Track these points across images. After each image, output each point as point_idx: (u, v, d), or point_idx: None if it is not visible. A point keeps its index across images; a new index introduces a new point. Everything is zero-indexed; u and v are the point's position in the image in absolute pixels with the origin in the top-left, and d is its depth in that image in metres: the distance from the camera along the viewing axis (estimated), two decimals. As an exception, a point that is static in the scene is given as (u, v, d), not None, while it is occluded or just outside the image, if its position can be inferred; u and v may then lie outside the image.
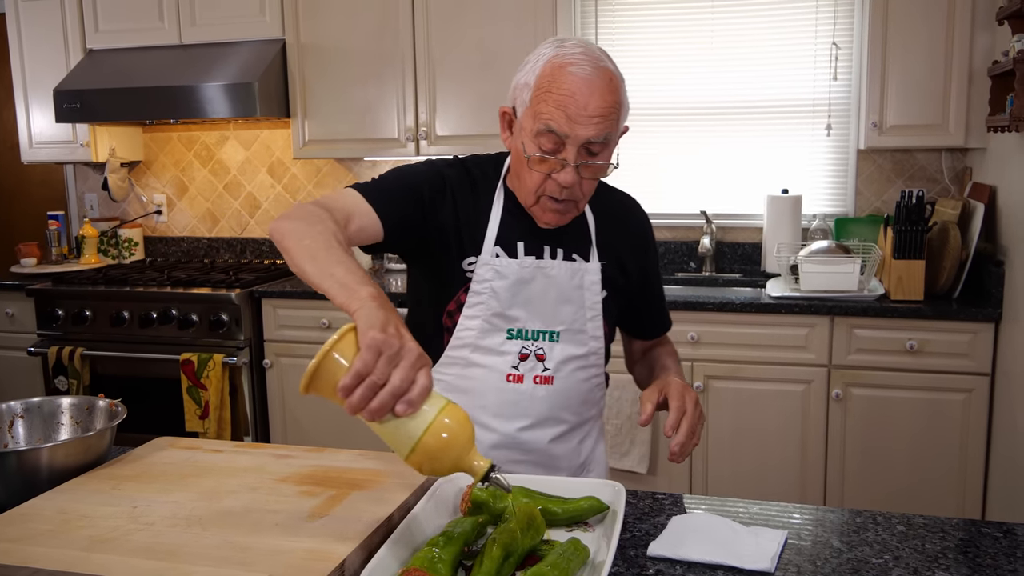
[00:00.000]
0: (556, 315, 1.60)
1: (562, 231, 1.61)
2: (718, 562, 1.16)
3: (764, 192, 3.64)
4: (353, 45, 3.70)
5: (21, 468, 1.36)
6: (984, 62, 3.08)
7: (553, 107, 1.45)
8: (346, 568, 1.10)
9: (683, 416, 1.45)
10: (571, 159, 1.46)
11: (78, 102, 3.81)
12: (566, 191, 1.50)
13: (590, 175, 1.51)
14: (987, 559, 1.18)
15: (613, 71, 1.48)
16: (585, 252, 1.63)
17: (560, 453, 1.65)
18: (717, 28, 3.69)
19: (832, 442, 3.10)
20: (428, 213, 1.58)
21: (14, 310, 3.95)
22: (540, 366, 1.60)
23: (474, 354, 1.60)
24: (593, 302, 1.62)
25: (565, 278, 1.60)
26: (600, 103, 1.44)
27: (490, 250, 1.59)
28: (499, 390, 1.60)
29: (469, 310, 1.59)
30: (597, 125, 1.45)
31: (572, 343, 1.61)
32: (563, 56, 1.47)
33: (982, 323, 2.92)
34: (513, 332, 1.59)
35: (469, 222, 1.60)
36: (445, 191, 1.60)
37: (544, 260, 1.60)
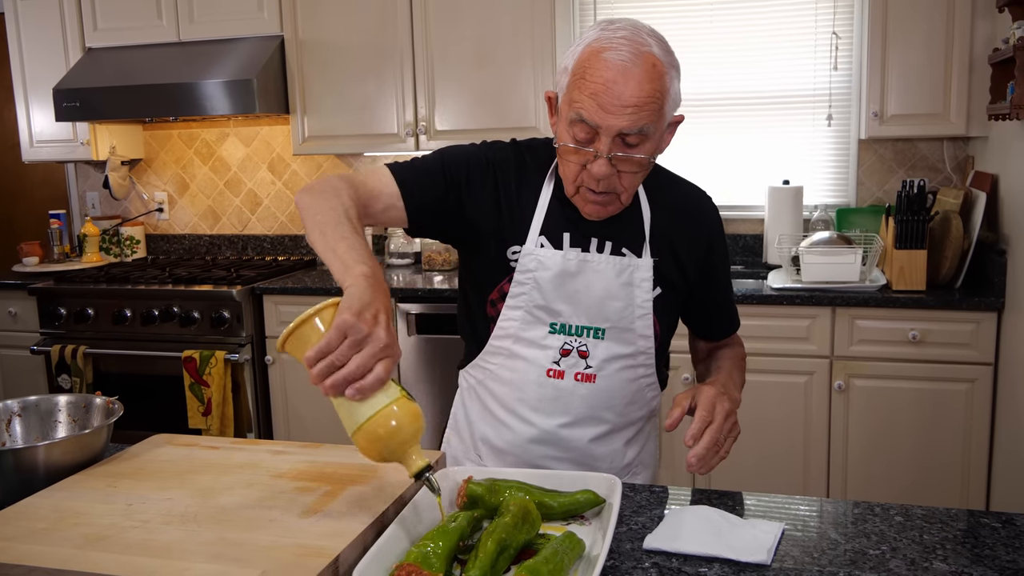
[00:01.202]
0: (602, 311, 1.53)
1: (613, 223, 1.55)
2: (714, 555, 1.16)
3: (765, 183, 3.62)
4: (351, 40, 3.70)
5: (18, 466, 1.36)
6: (985, 50, 3.06)
7: (586, 95, 1.38)
8: (340, 564, 1.10)
9: (707, 426, 1.37)
10: (603, 150, 1.40)
11: (78, 101, 3.81)
12: (602, 183, 1.43)
13: (628, 168, 1.43)
14: (986, 549, 1.17)
15: (659, 57, 1.40)
16: (637, 247, 1.56)
17: (601, 454, 1.59)
18: (717, 19, 3.68)
19: (835, 434, 3.09)
20: (465, 197, 1.55)
21: (17, 309, 3.95)
22: (582, 363, 1.54)
23: (516, 345, 1.56)
24: (643, 300, 1.54)
25: (612, 274, 1.53)
26: (636, 92, 1.36)
27: (535, 239, 1.54)
28: (539, 384, 1.56)
29: (512, 300, 1.55)
30: (631, 116, 1.37)
31: (618, 341, 1.55)
32: (603, 40, 1.39)
33: (985, 312, 2.91)
34: (556, 326, 1.54)
35: (515, 208, 1.56)
36: (487, 175, 1.57)
37: (590, 254, 1.54)
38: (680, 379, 3.16)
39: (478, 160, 1.58)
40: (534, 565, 1.06)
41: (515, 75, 3.53)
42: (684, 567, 1.14)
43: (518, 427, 1.59)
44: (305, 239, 4.30)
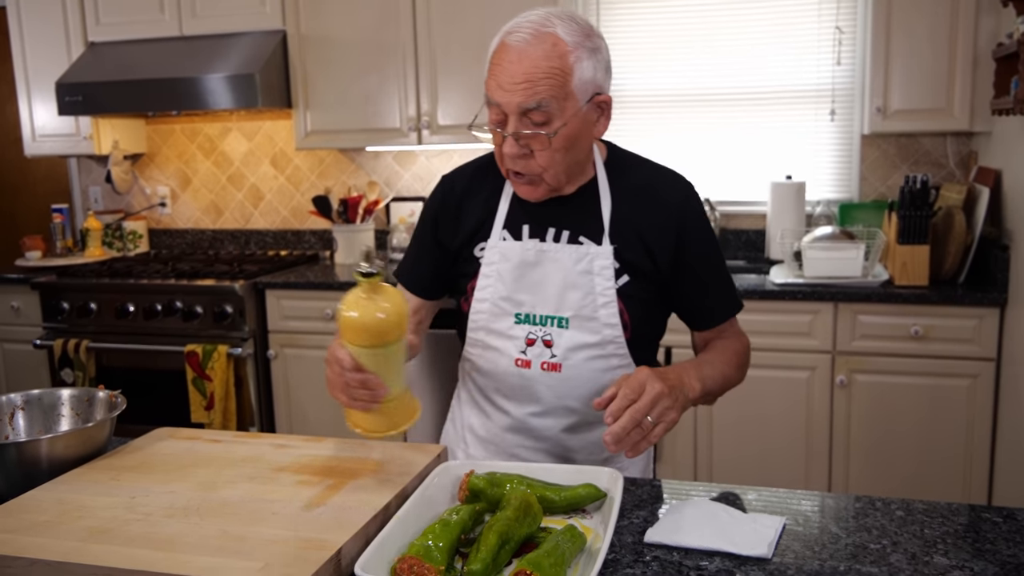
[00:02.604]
0: (564, 300, 1.55)
1: (572, 212, 1.57)
2: (715, 548, 1.16)
3: (768, 178, 3.62)
4: (354, 35, 3.69)
5: (21, 459, 1.36)
6: (988, 45, 3.06)
7: (492, 78, 1.45)
8: (342, 557, 1.10)
9: (629, 405, 1.29)
10: (509, 128, 1.45)
11: (80, 95, 3.81)
12: (518, 163, 1.48)
13: (538, 147, 1.46)
14: (987, 544, 1.17)
15: (562, 36, 1.42)
16: (596, 234, 1.56)
17: (577, 446, 1.60)
18: (720, 14, 3.67)
19: (836, 429, 3.09)
20: (446, 238, 1.66)
21: (19, 303, 3.96)
22: (548, 352, 1.56)
23: (488, 337, 1.60)
24: (605, 288, 1.54)
25: (570, 263, 1.54)
26: (530, 68, 1.41)
27: (498, 233, 1.59)
28: (509, 374, 1.59)
29: (479, 292, 1.60)
30: (523, 91, 1.41)
31: (583, 330, 1.55)
32: (511, 27, 1.46)
33: (987, 308, 2.91)
34: (521, 316, 1.57)
35: (481, 213, 1.62)
36: (449, 207, 1.66)
37: (547, 243, 1.56)
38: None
39: (431, 203, 1.70)
40: (536, 558, 1.06)
41: (518, 70, 3.52)
42: (685, 561, 1.14)
43: (495, 415, 1.64)
44: (307, 234, 4.31)
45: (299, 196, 4.30)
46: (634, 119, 3.83)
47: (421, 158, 4.11)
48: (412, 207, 4.10)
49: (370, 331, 1.28)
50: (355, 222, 3.95)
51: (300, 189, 4.30)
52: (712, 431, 3.20)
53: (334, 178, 4.23)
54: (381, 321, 1.28)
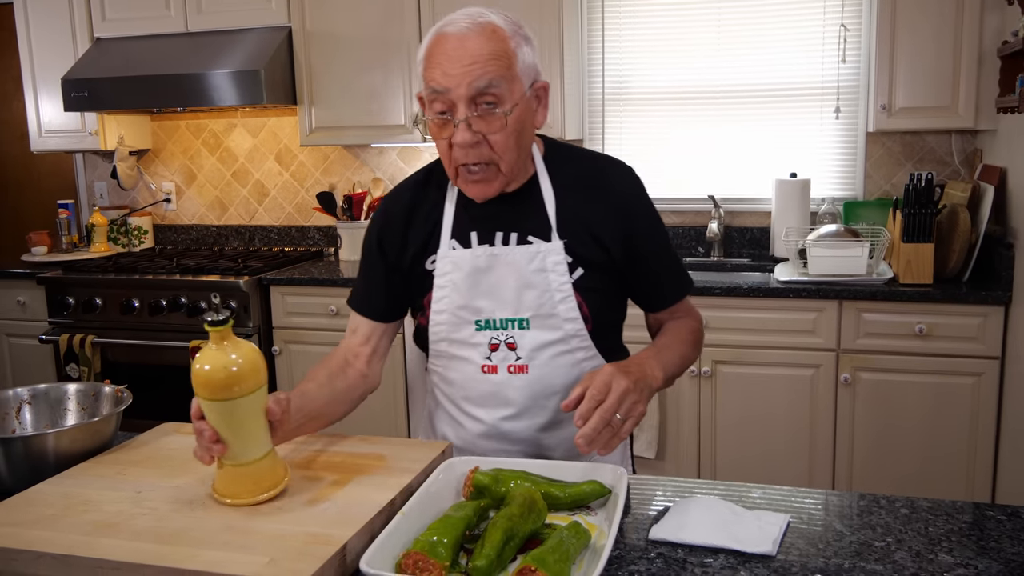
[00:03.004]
0: (521, 301, 1.54)
1: (517, 213, 1.56)
2: (720, 545, 1.16)
3: (772, 176, 3.62)
4: (359, 32, 3.70)
5: (28, 453, 1.37)
6: (994, 43, 3.05)
7: (433, 68, 1.43)
8: (348, 552, 1.11)
9: (597, 406, 1.28)
10: (460, 115, 1.42)
11: (86, 91, 3.82)
12: (472, 153, 1.45)
13: (491, 129, 1.44)
14: (991, 542, 1.17)
15: (499, 24, 1.45)
16: (545, 232, 1.55)
17: (552, 444, 1.60)
18: (724, 11, 3.66)
19: (841, 427, 3.09)
20: (395, 259, 1.64)
21: (25, 298, 3.97)
22: (512, 355, 1.56)
23: (451, 347, 1.60)
24: (560, 283, 1.53)
25: (523, 263, 1.53)
26: (476, 50, 1.41)
27: (447, 243, 1.58)
28: (477, 381, 1.59)
29: (436, 305, 1.59)
30: (475, 71, 1.40)
31: (544, 328, 1.55)
32: (444, 22, 1.46)
33: (992, 306, 2.91)
34: (481, 323, 1.56)
35: (426, 227, 1.61)
36: (393, 228, 1.64)
37: (496, 247, 1.55)
38: (687, 371, 3.16)
39: (371, 228, 1.68)
40: (540, 554, 1.07)
41: (522, 67, 3.51)
42: (689, 558, 1.14)
43: (467, 423, 1.63)
44: (312, 230, 4.31)
45: (304, 192, 4.31)
46: (639, 117, 3.83)
47: (425, 155, 4.11)
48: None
49: (215, 383, 1.21)
50: (359, 218, 3.95)
51: (305, 185, 4.30)
52: (716, 428, 3.20)
53: (338, 174, 4.23)
54: (229, 373, 1.21)
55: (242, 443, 1.24)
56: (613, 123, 3.86)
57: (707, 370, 3.16)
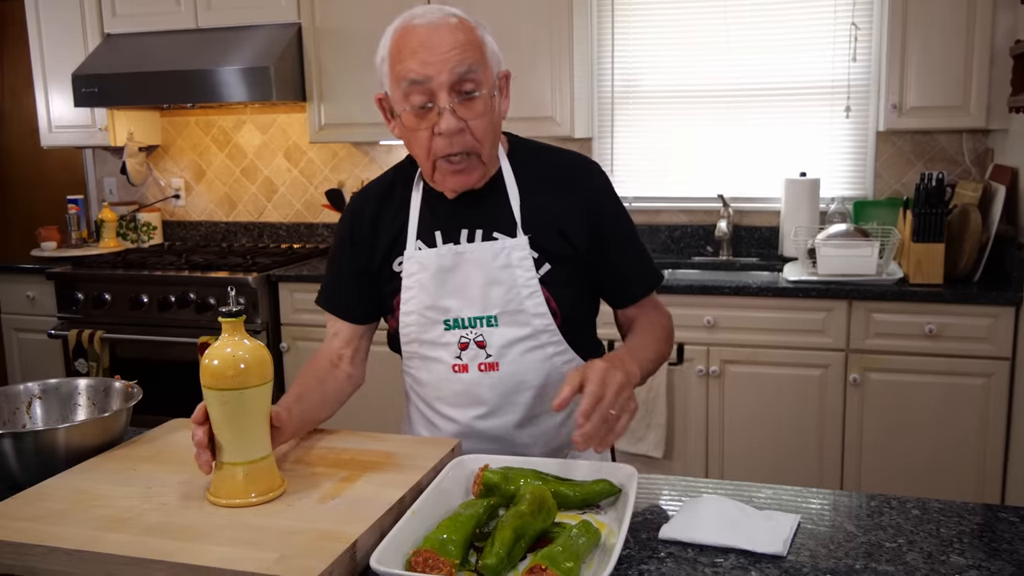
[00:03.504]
0: (488, 299, 1.53)
1: (482, 209, 1.56)
2: (730, 545, 1.16)
3: (782, 175, 3.61)
4: (368, 28, 3.69)
5: (38, 448, 1.37)
6: (1006, 42, 3.04)
7: (408, 59, 1.42)
8: (358, 549, 1.10)
9: (598, 403, 1.26)
10: (444, 103, 1.42)
11: (96, 87, 3.83)
12: (456, 141, 1.44)
13: (473, 115, 1.44)
14: (1003, 544, 1.17)
15: (464, 16, 1.47)
16: (509, 227, 1.54)
17: (528, 440, 1.59)
18: (734, 9, 3.65)
19: (849, 427, 3.08)
20: (365, 261, 1.64)
21: (35, 293, 3.98)
22: (482, 353, 1.55)
23: (421, 348, 1.60)
24: (527, 279, 1.52)
25: (488, 259, 1.53)
26: (452, 39, 1.42)
27: (412, 244, 1.57)
28: (448, 381, 1.58)
29: (404, 306, 1.58)
30: (455, 58, 1.41)
31: (513, 325, 1.54)
32: (406, 19, 1.47)
33: (1003, 307, 2.89)
34: (450, 322, 1.55)
35: (392, 228, 1.61)
36: (362, 229, 1.64)
37: (462, 245, 1.54)
38: (695, 370, 3.15)
39: (341, 226, 1.68)
40: (551, 553, 1.07)
41: (531, 65, 3.51)
42: (700, 557, 1.14)
43: (442, 424, 1.63)
44: (320, 227, 4.32)
45: (312, 189, 4.31)
46: (649, 116, 3.82)
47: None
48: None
49: (223, 373, 1.22)
50: (368, 215, 3.95)
51: (313, 182, 4.31)
52: (724, 428, 3.19)
53: (347, 171, 4.23)
54: (238, 363, 1.22)
55: (243, 440, 1.24)
56: (622, 122, 3.85)
57: (715, 369, 3.15)
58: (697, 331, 3.16)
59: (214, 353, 1.23)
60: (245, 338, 1.25)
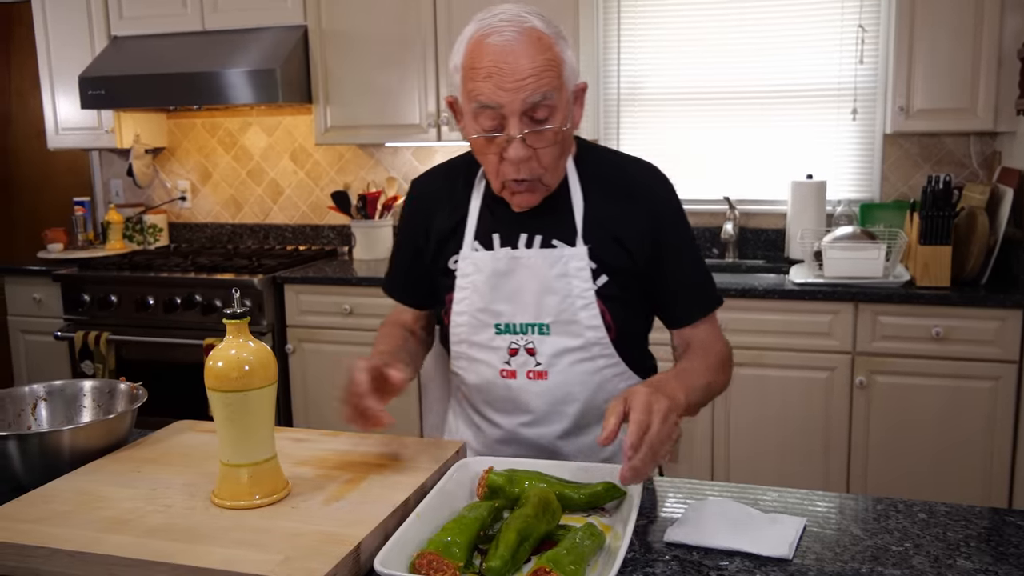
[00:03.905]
0: (542, 307, 1.51)
1: (543, 216, 1.52)
2: (735, 548, 1.15)
3: (788, 177, 3.60)
4: (375, 31, 3.70)
5: (43, 450, 1.37)
6: (1014, 44, 3.03)
7: (481, 81, 1.37)
8: (362, 551, 1.10)
9: (644, 433, 1.18)
10: (514, 131, 1.37)
11: (103, 89, 3.84)
12: (523, 168, 1.41)
13: (542, 144, 1.40)
14: (1010, 547, 1.16)
15: (543, 29, 1.39)
16: (570, 236, 1.51)
17: (571, 451, 1.56)
18: (740, 11, 3.65)
19: (855, 430, 3.07)
20: (423, 246, 1.64)
21: (41, 295, 3.99)
22: (532, 360, 1.53)
23: (470, 350, 1.58)
24: (583, 290, 1.49)
25: (545, 267, 1.50)
26: (528, 64, 1.35)
27: (469, 244, 1.56)
28: (495, 385, 1.56)
29: (456, 306, 1.57)
30: (528, 87, 1.35)
31: (565, 335, 1.51)
32: (483, 28, 1.39)
33: (1010, 310, 2.88)
34: (501, 327, 1.53)
35: (450, 223, 1.59)
36: (418, 211, 1.66)
37: (519, 250, 1.52)
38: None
39: (408, 208, 1.70)
40: (555, 555, 1.06)
41: (538, 66, 3.50)
42: (705, 560, 1.14)
43: (486, 428, 1.62)
44: (326, 229, 4.32)
45: (318, 191, 4.32)
46: (654, 118, 3.82)
47: (440, 154, 4.11)
48: (431, 203, 4.09)
49: (228, 374, 1.21)
50: (374, 218, 3.96)
51: (319, 184, 4.31)
52: (729, 431, 3.18)
53: (353, 173, 4.24)
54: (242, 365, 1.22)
55: (248, 441, 1.24)
56: (628, 123, 3.85)
57: (721, 372, 3.14)
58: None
59: (218, 355, 1.23)
60: (249, 340, 1.25)
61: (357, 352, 3.54)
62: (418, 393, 3.48)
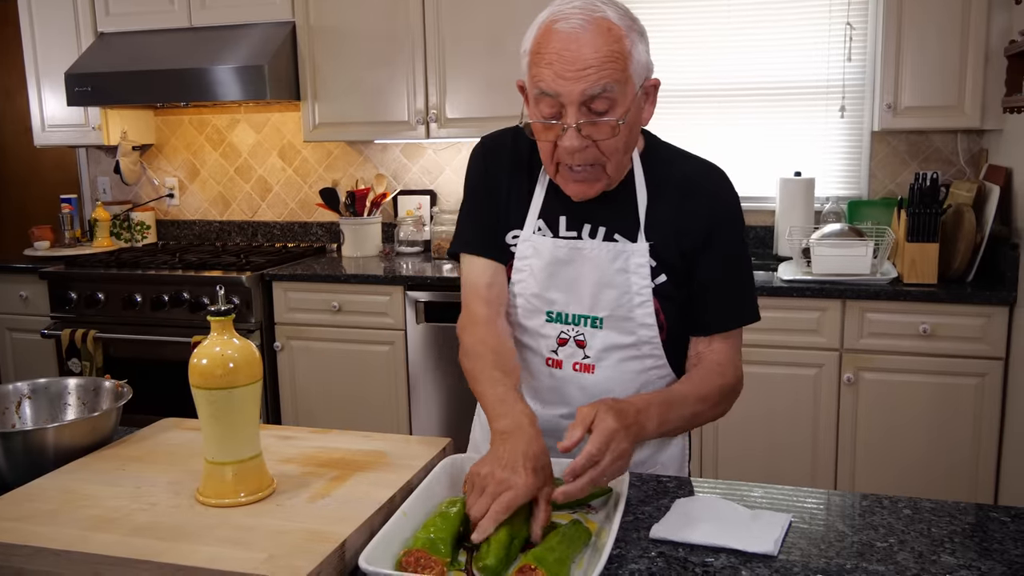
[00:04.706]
0: (598, 300, 1.49)
1: (608, 208, 1.49)
2: (721, 545, 1.15)
3: (776, 175, 3.60)
4: (363, 27, 3.69)
5: (27, 448, 1.37)
6: (1000, 42, 3.04)
7: (543, 67, 1.35)
8: (347, 549, 1.10)
9: (591, 466, 1.18)
10: (570, 121, 1.35)
11: (89, 85, 3.81)
12: (577, 155, 1.38)
13: (601, 136, 1.36)
14: (994, 543, 1.16)
15: (614, 20, 1.35)
16: (632, 232, 1.48)
17: None
18: (729, 10, 3.65)
19: (843, 426, 3.08)
20: (494, 195, 1.57)
21: (28, 293, 3.97)
22: (580, 353, 1.51)
23: (519, 334, 1.56)
24: (641, 287, 1.47)
25: (606, 261, 1.47)
26: (591, 54, 1.32)
27: (532, 223, 1.52)
28: (540, 373, 1.55)
29: (513, 287, 1.54)
30: (589, 78, 1.32)
31: (618, 331, 1.49)
32: (555, 14, 1.36)
33: (996, 307, 2.89)
34: (552, 315, 1.52)
35: (518, 192, 1.55)
36: (486, 166, 1.58)
37: (583, 241, 1.49)
38: (689, 370, 3.15)
39: (476, 164, 1.61)
40: (540, 553, 1.06)
41: (527, 63, 3.50)
42: (690, 557, 1.14)
43: None
44: (314, 226, 4.31)
45: (307, 188, 4.30)
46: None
47: (429, 151, 4.10)
48: (419, 200, 4.09)
49: (212, 372, 1.20)
50: (362, 215, 3.95)
51: (308, 181, 4.30)
52: (718, 427, 3.19)
53: (341, 170, 4.23)
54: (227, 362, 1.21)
55: (232, 439, 1.23)
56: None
57: (710, 369, 3.14)
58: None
59: (203, 352, 1.22)
60: (234, 337, 1.25)
61: (346, 350, 3.53)
62: (407, 389, 3.48)
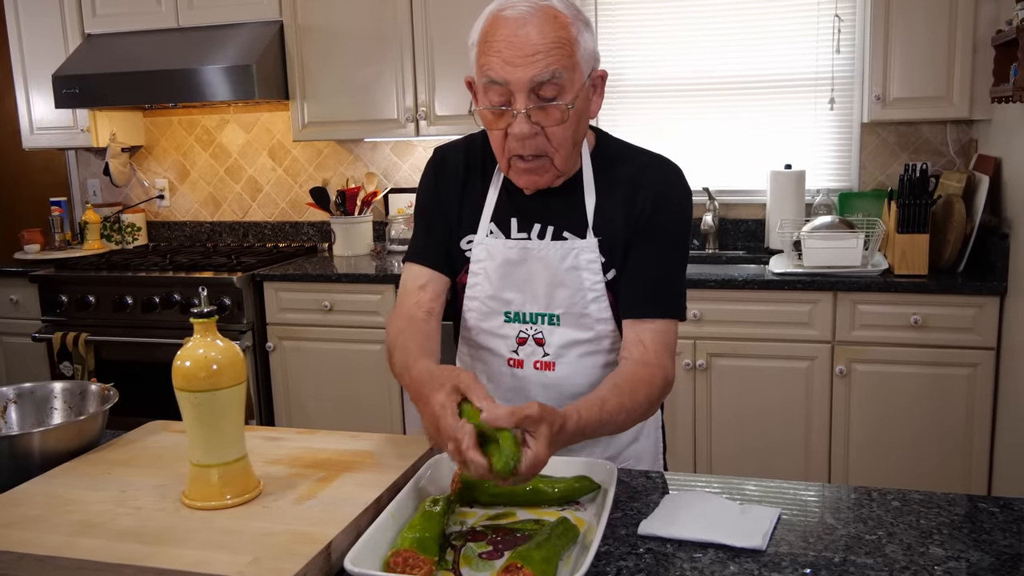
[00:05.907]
0: (553, 298, 1.50)
1: (557, 206, 1.50)
2: (709, 540, 1.15)
3: (767, 168, 3.60)
4: (351, 26, 3.68)
5: (13, 453, 1.36)
6: (988, 32, 3.04)
7: (492, 56, 1.36)
8: (333, 550, 1.09)
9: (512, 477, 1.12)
10: (519, 106, 1.36)
11: (77, 87, 3.80)
12: (528, 144, 1.39)
13: (550, 122, 1.38)
14: (983, 534, 1.16)
15: (559, 8, 1.37)
16: (581, 228, 1.50)
17: (577, 446, 1.44)
18: (718, 2, 3.64)
19: (836, 419, 3.08)
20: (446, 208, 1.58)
21: (18, 296, 3.95)
22: (540, 351, 1.52)
23: (479, 336, 1.57)
24: (593, 283, 1.49)
25: (556, 260, 1.49)
26: (538, 39, 1.34)
27: (485, 227, 1.54)
28: (502, 375, 1.56)
29: (469, 291, 1.56)
30: (537, 64, 1.33)
31: (575, 327, 1.51)
32: (502, 4, 1.39)
33: (987, 297, 2.90)
34: (511, 315, 1.53)
35: (469, 200, 1.57)
36: (437, 180, 1.60)
37: (532, 241, 1.50)
38: (682, 364, 3.15)
39: (427, 177, 1.62)
40: (526, 551, 1.06)
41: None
42: (679, 552, 1.13)
43: None
44: (305, 226, 4.30)
45: (297, 188, 4.29)
46: (633, 109, 3.81)
47: (419, 149, 4.09)
48: (410, 198, 4.08)
49: (195, 374, 1.20)
50: (353, 214, 3.94)
51: (298, 181, 4.29)
52: (711, 421, 3.19)
53: (332, 169, 4.22)
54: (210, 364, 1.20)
55: (217, 441, 1.23)
56: (606, 116, 3.84)
57: (702, 363, 3.15)
58: (683, 325, 3.14)
59: (186, 354, 1.22)
60: (218, 339, 1.24)
61: (338, 349, 3.53)
62: (400, 389, 3.47)
